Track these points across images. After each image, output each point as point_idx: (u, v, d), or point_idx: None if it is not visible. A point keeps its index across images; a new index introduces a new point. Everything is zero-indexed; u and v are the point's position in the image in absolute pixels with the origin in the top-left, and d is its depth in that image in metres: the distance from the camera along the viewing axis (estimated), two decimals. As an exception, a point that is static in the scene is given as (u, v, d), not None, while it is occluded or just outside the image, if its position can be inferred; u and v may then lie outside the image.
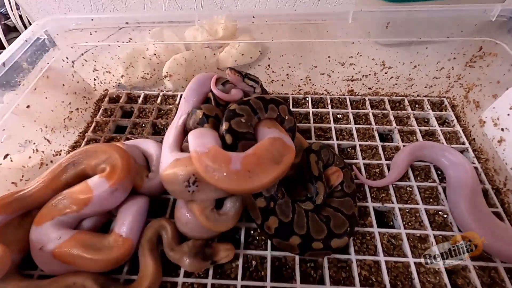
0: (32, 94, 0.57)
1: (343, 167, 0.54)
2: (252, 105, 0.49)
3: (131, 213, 0.48)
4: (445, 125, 0.68)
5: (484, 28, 0.60)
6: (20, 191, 0.47)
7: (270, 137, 0.46)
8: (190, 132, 0.47)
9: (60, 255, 0.43)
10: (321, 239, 0.45)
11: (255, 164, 0.42)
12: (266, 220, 0.45)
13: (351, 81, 0.72)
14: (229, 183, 0.40)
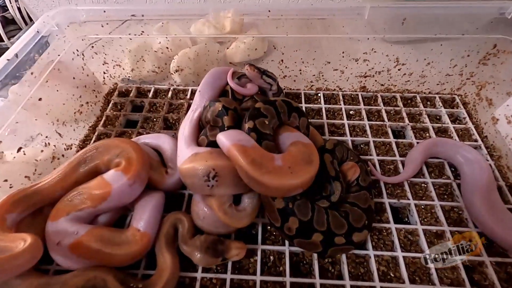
0: (44, 86, 0.55)
1: (357, 162, 0.54)
2: (278, 107, 0.50)
3: (148, 208, 0.48)
4: (457, 122, 0.68)
5: (499, 26, 0.60)
6: (32, 186, 0.46)
7: (296, 141, 0.47)
8: (225, 131, 0.46)
9: (78, 249, 0.42)
10: (343, 233, 0.45)
11: (293, 163, 0.43)
12: (286, 221, 0.45)
13: (363, 78, 0.72)
14: (274, 178, 0.41)
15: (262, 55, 0.87)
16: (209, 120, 0.52)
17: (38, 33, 0.55)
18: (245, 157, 0.41)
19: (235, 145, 0.42)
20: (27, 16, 1.45)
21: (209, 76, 0.59)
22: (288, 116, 0.51)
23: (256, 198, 0.48)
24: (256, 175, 0.40)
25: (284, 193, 0.44)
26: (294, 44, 0.73)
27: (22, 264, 0.36)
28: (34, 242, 0.37)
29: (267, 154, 0.43)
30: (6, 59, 0.48)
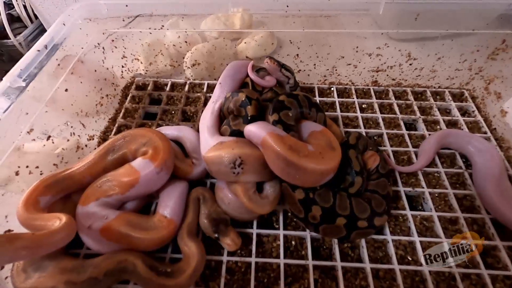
0: (70, 77, 0.57)
1: (377, 151, 0.56)
2: (300, 101, 0.52)
3: (173, 196, 0.50)
4: (466, 115, 0.70)
5: (507, 22, 0.63)
6: (62, 172, 0.48)
7: (317, 130, 0.50)
8: (253, 123, 0.48)
9: (108, 233, 0.44)
10: (366, 217, 0.47)
11: (322, 149, 0.45)
12: (310, 211, 0.46)
13: (376, 72, 0.74)
14: (311, 162, 0.43)
15: (272, 51, 0.89)
16: (232, 110, 0.54)
17: (64, 25, 0.57)
18: (283, 144, 0.43)
19: (271, 133, 0.44)
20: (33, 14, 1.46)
21: (230, 69, 0.61)
22: (308, 110, 0.54)
23: (278, 186, 0.50)
24: (295, 159, 0.42)
25: (318, 177, 0.46)
26: (306, 40, 0.75)
27: (58, 240, 0.38)
28: (69, 220, 0.39)
29: (299, 142, 0.45)
30: (36, 50, 0.50)
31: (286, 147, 0.43)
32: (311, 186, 0.48)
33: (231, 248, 0.46)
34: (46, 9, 1.40)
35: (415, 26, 0.66)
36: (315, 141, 0.49)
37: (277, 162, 0.44)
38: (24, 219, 0.41)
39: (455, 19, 0.64)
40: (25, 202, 0.43)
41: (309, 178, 0.46)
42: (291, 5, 0.63)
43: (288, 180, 0.46)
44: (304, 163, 0.43)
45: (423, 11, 0.63)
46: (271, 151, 0.44)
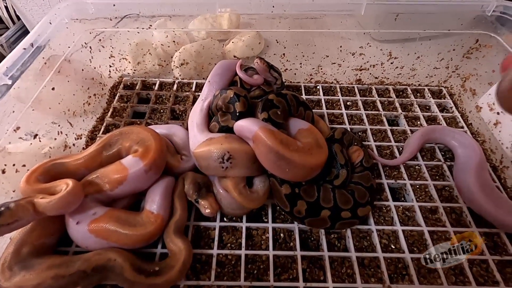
0: (57, 76, 0.57)
1: (361, 146, 0.58)
2: (288, 100, 0.54)
3: (159, 191, 0.50)
4: (445, 111, 0.74)
5: (481, 23, 0.66)
6: (60, 158, 0.50)
7: (304, 128, 0.52)
8: (243, 119, 0.49)
9: (96, 229, 0.44)
10: (349, 208, 0.49)
11: (310, 145, 0.47)
12: (295, 205, 0.48)
13: (359, 71, 0.76)
14: (301, 156, 0.45)
15: (259, 51, 0.90)
16: (221, 106, 0.55)
17: (50, 24, 0.57)
18: (275, 138, 0.44)
19: (263, 128, 0.45)
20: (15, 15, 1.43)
21: (218, 68, 0.63)
22: (296, 109, 0.56)
23: (267, 181, 0.52)
24: (286, 153, 0.44)
25: (307, 171, 0.48)
26: (292, 40, 0.77)
27: (70, 202, 0.43)
28: (76, 183, 0.43)
29: (289, 137, 0.47)
30: (22, 48, 0.50)
31: (278, 141, 0.45)
32: (299, 180, 0.49)
33: (208, 211, 0.47)
34: (29, 10, 1.38)
35: (395, 27, 0.69)
36: (303, 138, 0.51)
37: (268, 155, 0.46)
38: (31, 191, 0.44)
39: (432, 21, 0.68)
40: (27, 179, 0.45)
41: (298, 172, 0.47)
42: (277, 6, 0.65)
43: (278, 173, 0.48)
44: (294, 157, 0.45)
45: (402, 12, 0.66)
46: (263, 144, 0.45)
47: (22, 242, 0.43)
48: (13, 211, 0.38)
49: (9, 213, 0.38)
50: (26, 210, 0.39)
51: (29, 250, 0.43)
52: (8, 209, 0.38)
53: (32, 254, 0.43)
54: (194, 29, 0.86)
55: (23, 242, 0.43)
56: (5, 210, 0.38)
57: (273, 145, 0.44)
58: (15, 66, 0.49)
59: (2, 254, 0.42)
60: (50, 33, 0.57)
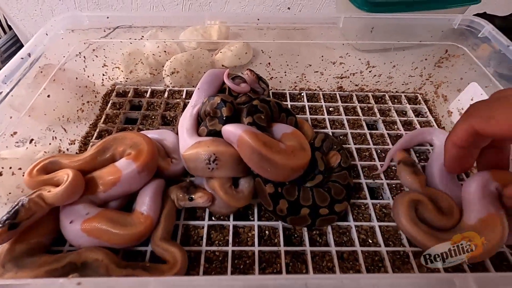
0: (51, 85, 0.60)
1: (340, 149, 0.62)
2: (271, 106, 0.58)
3: (148, 193, 0.53)
4: (420, 116, 0.79)
5: (449, 35, 0.73)
6: (57, 156, 0.53)
7: (288, 132, 0.56)
8: (229, 124, 0.52)
9: (89, 228, 0.46)
10: (326, 205, 0.52)
11: (293, 147, 0.51)
12: (277, 204, 0.51)
13: (340, 79, 0.81)
14: (283, 157, 0.48)
15: (247, 61, 0.95)
16: (209, 112, 0.58)
17: (46, 35, 0.60)
18: (258, 140, 0.48)
19: (247, 131, 0.49)
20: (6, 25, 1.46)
21: (207, 76, 0.67)
22: (278, 115, 0.60)
23: (252, 182, 0.55)
24: (268, 154, 0.47)
25: (289, 172, 0.51)
26: (279, 50, 0.82)
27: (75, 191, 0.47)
28: (75, 173, 0.48)
29: (272, 140, 0.51)
30: (20, 58, 0.53)
31: (261, 143, 0.48)
32: (282, 181, 0.53)
33: (205, 199, 0.50)
34: (20, 20, 1.40)
35: (372, 38, 0.75)
36: (287, 141, 0.54)
37: (252, 156, 0.49)
38: (34, 182, 0.48)
39: (405, 33, 0.73)
40: (30, 173, 0.49)
41: (280, 172, 0.51)
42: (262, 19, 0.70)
43: (261, 173, 0.51)
44: (276, 158, 0.48)
45: (377, 25, 0.72)
46: (246, 146, 0.49)
47: (16, 241, 0.45)
48: (27, 207, 0.43)
49: (24, 210, 0.43)
50: (38, 204, 0.44)
51: (23, 248, 0.45)
52: (23, 206, 0.43)
53: (26, 253, 0.45)
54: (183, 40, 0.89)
55: (18, 240, 0.45)
56: (21, 207, 0.43)
57: (256, 146, 0.47)
58: (13, 75, 0.51)
59: (-4, 253, 0.44)
60: (46, 43, 0.60)
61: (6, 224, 0.41)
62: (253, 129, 0.51)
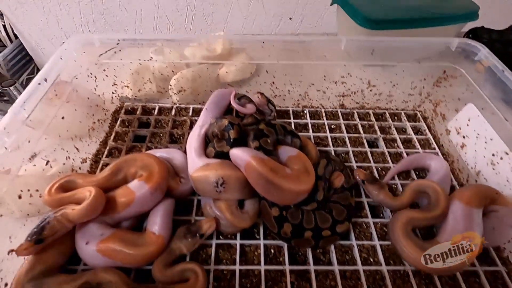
0: (65, 106, 0.62)
1: (342, 170, 0.64)
2: (277, 129, 0.61)
3: (160, 213, 0.55)
4: (419, 133, 0.82)
5: (446, 56, 0.75)
6: (74, 176, 0.55)
7: (294, 155, 0.58)
8: (238, 147, 0.54)
9: (103, 249, 0.48)
10: (328, 227, 0.54)
11: (298, 171, 0.53)
12: (282, 227, 0.54)
13: (342, 97, 0.84)
14: (289, 182, 0.50)
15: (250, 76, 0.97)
16: (217, 134, 0.61)
17: (61, 59, 0.62)
18: (265, 165, 0.50)
19: (254, 157, 0.51)
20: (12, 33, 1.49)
21: (215, 96, 0.69)
22: (284, 137, 0.63)
23: (257, 203, 0.58)
24: (275, 179, 0.49)
25: (294, 196, 0.53)
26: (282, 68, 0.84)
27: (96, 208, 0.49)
28: (98, 190, 0.50)
29: (279, 165, 0.53)
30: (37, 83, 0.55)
31: (268, 168, 0.50)
32: (288, 204, 0.55)
33: (213, 226, 0.52)
34: (26, 29, 1.44)
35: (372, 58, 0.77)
36: (292, 165, 0.57)
37: (259, 181, 0.52)
38: (56, 200, 0.51)
39: (403, 53, 0.76)
40: (49, 191, 0.52)
41: (286, 197, 0.53)
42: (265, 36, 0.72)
43: (268, 197, 0.54)
44: (282, 183, 0.50)
45: (377, 47, 0.74)
46: (254, 171, 0.51)
47: (35, 261, 0.47)
48: (52, 225, 0.46)
49: (49, 227, 0.46)
50: (61, 222, 0.47)
51: (42, 269, 0.47)
52: (48, 223, 0.46)
53: (44, 273, 0.47)
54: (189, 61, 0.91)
55: (37, 261, 0.47)
56: (46, 225, 0.45)
57: (263, 172, 0.50)
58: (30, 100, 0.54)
59: (16, 273, 0.46)
60: (60, 67, 0.63)
61: (33, 239, 0.45)
62: (260, 154, 0.53)
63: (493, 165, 0.64)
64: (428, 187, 0.59)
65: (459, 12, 0.96)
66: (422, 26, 0.95)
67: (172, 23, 1.45)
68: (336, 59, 0.77)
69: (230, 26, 1.45)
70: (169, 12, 1.40)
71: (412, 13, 0.97)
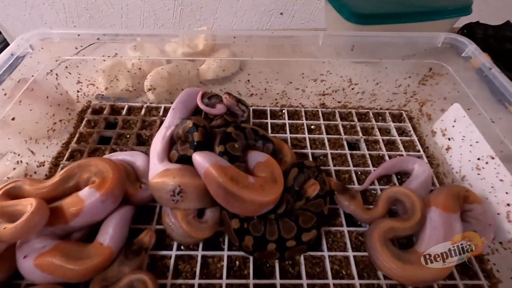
0: (18, 106, 0.58)
1: (316, 176, 0.59)
2: (247, 133, 0.56)
3: (113, 222, 0.51)
4: (404, 134, 0.77)
5: (432, 53, 0.71)
6: (20, 181, 0.51)
7: (262, 161, 0.54)
8: (201, 152, 0.50)
9: (41, 264, 0.44)
10: (292, 236, 0.50)
11: (263, 181, 0.49)
12: (242, 240, 0.50)
13: (322, 96, 0.80)
14: (250, 193, 0.46)
15: (233, 73, 0.93)
16: (181, 136, 0.57)
17: (12, 55, 0.58)
18: (224, 175, 0.46)
19: (213, 164, 0.47)
20: (0, 35, 1.44)
21: (183, 96, 0.65)
22: (254, 142, 0.58)
23: (218, 212, 0.53)
24: (234, 189, 0.45)
25: (257, 208, 0.49)
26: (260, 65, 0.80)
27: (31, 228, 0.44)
28: (38, 205, 0.44)
29: (241, 173, 0.49)
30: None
31: (227, 177, 0.46)
32: (250, 215, 0.51)
33: (153, 235, 0.50)
34: (10, 25, 1.39)
35: (352, 56, 0.73)
36: (259, 172, 0.53)
37: (218, 191, 0.47)
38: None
39: (386, 50, 0.71)
40: None
41: (247, 208, 0.49)
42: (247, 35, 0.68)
43: (228, 208, 0.49)
44: (242, 194, 0.46)
45: (358, 42, 0.70)
46: (213, 180, 0.47)
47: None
48: None
49: None
50: None
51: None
52: None
53: None
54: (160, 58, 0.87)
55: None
56: None
57: (222, 181, 0.45)
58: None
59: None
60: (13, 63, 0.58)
61: None
62: (221, 161, 0.49)
63: (478, 170, 0.60)
64: (402, 195, 0.55)
65: (452, 6, 0.91)
66: (413, 21, 0.90)
67: (159, 19, 1.40)
68: (322, 52, 0.72)
69: (219, 21, 1.40)
70: (156, 7, 1.35)
71: (402, 7, 0.92)
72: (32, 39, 0.63)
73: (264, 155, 0.57)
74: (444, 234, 0.50)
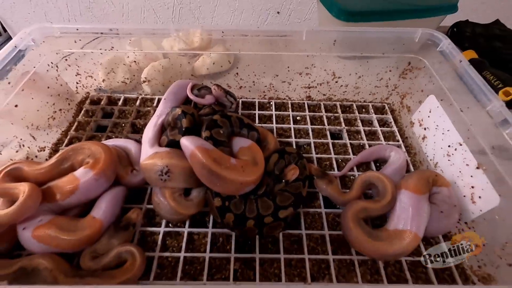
0: (20, 94, 0.62)
1: (297, 162, 0.63)
2: (232, 121, 0.60)
3: (105, 199, 0.55)
4: (385, 126, 0.81)
5: (410, 47, 0.74)
6: (21, 163, 0.55)
7: (245, 146, 0.58)
8: (188, 136, 0.54)
9: (39, 235, 0.48)
10: (270, 213, 0.54)
11: (244, 163, 0.53)
12: (224, 217, 0.54)
13: (308, 88, 0.84)
14: (231, 173, 0.51)
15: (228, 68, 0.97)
16: (170, 122, 0.61)
17: (15, 47, 0.63)
18: (208, 156, 0.50)
19: (199, 147, 0.51)
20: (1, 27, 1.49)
21: (173, 87, 0.69)
22: (239, 129, 0.62)
23: (203, 192, 0.58)
24: (217, 170, 0.50)
25: (238, 187, 0.53)
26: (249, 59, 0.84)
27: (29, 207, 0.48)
28: (30, 190, 0.48)
29: (224, 155, 0.53)
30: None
31: (211, 159, 0.51)
32: (231, 194, 0.55)
33: (139, 213, 0.54)
34: (15, 23, 1.44)
35: (335, 50, 0.77)
36: (242, 156, 0.57)
37: (202, 171, 0.52)
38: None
39: (367, 45, 0.75)
40: None
41: (229, 187, 0.53)
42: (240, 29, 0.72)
43: (212, 187, 0.54)
44: (224, 174, 0.50)
45: (340, 37, 0.74)
46: (197, 161, 0.51)
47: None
48: None
49: None
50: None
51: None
52: None
53: None
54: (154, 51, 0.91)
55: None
56: None
57: (206, 162, 0.50)
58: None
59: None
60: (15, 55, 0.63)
61: None
62: (206, 144, 0.53)
63: (448, 156, 0.63)
64: (375, 179, 0.59)
65: (438, 4, 0.95)
66: (400, 18, 0.93)
67: (159, 17, 1.45)
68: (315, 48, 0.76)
69: (218, 20, 1.44)
70: (156, 6, 1.40)
71: (390, 5, 0.96)
72: (34, 33, 0.67)
73: (248, 141, 0.61)
74: (412, 214, 0.54)
